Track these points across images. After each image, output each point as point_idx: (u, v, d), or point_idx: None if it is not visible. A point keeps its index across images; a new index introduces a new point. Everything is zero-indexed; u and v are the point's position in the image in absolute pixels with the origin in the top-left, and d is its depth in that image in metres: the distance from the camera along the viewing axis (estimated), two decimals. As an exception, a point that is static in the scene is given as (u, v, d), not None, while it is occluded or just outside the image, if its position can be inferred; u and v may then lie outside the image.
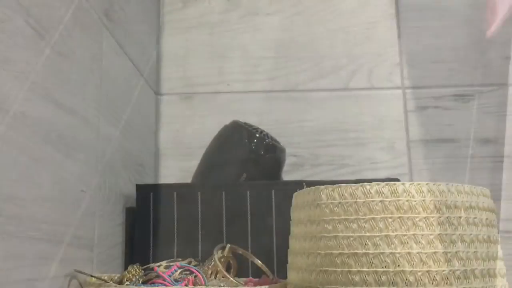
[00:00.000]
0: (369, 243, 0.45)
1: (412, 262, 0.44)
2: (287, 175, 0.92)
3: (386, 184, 0.46)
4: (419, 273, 0.43)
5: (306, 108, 0.96)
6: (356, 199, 0.46)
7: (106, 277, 0.61)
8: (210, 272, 0.61)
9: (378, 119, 0.94)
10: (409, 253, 0.44)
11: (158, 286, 0.54)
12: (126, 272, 0.58)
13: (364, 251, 0.45)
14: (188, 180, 0.87)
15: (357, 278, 0.44)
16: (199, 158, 0.83)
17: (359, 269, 0.44)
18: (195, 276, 0.57)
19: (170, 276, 0.56)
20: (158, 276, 0.57)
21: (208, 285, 0.56)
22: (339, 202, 0.47)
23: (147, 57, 0.93)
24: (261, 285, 0.57)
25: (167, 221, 0.73)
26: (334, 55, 0.97)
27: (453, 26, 0.97)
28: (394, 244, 0.44)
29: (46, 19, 0.53)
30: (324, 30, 0.98)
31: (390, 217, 0.45)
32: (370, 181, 0.49)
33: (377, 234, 0.45)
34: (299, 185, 0.70)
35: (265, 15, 1.00)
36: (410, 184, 0.46)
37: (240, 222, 0.72)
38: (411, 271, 0.43)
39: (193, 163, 0.90)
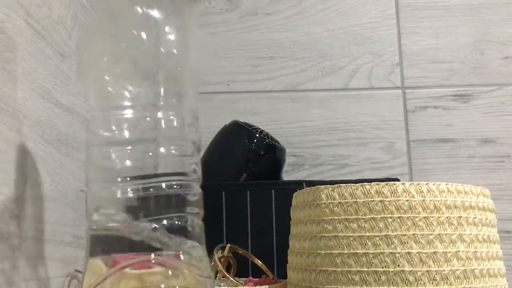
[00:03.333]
0: (369, 243, 0.45)
1: (412, 262, 0.44)
2: (287, 175, 0.92)
3: (386, 184, 0.46)
4: (419, 273, 0.43)
5: (306, 108, 0.96)
6: (356, 199, 0.46)
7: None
8: (210, 272, 0.61)
9: (378, 119, 0.94)
10: (409, 253, 0.44)
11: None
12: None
13: (364, 251, 0.45)
14: (188, 180, 0.87)
15: (357, 278, 0.44)
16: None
17: (359, 269, 0.44)
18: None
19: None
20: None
21: (208, 285, 0.56)
22: (339, 202, 0.47)
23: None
24: (261, 285, 0.57)
25: (167, 221, 0.73)
26: (334, 55, 0.97)
27: (453, 26, 0.97)
28: (394, 244, 0.44)
29: (46, 19, 0.54)
30: (324, 30, 0.98)
31: (390, 217, 0.45)
32: (370, 181, 0.49)
33: (377, 234, 0.45)
34: (299, 185, 0.70)
35: (265, 15, 1.00)
36: (410, 184, 0.46)
37: (240, 222, 0.72)
38: (411, 271, 0.43)
39: (193, 163, 0.90)
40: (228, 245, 0.66)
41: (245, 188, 0.73)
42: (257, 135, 0.77)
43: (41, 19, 0.52)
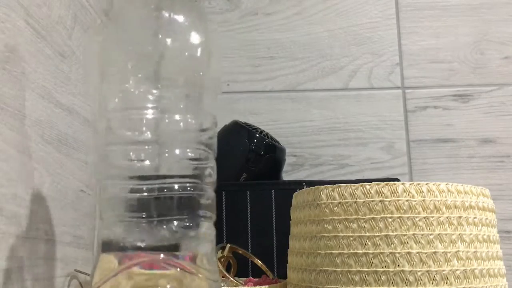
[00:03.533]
0: (369, 243, 0.45)
1: (412, 262, 0.44)
2: (287, 175, 0.92)
3: (386, 184, 0.46)
4: (419, 273, 0.43)
5: (306, 108, 0.96)
6: (356, 199, 0.46)
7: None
8: (210, 272, 0.61)
9: (378, 119, 0.94)
10: (409, 253, 0.44)
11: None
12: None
13: (364, 251, 0.45)
14: (188, 180, 0.87)
15: (357, 278, 0.44)
16: (199, 158, 0.83)
17: (359, 269, 0.44)
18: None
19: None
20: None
21: (208, 285, 0.56)
22: (339, 202, 0.47)
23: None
24: (261, 285, 0.57)
25: (167, 221, 0.73)
26: (334, 55, 0.97)
27: (453, 26, 0.97)
28: (394, 244, 0.44)
29: (46, 19, 0.54)
30: (324, 30, 0.98)
31: (390, 217, 0.45)
32: (370, 181, 0.49)
33: (377, 234, 0.45)
34: (299, 185, 0.70)
35: (265, 15, 1.00)
36: (410, 184, 0.46)
37: (240, 222, 0.72)
38: (411, 271, 0.43)
39: (193, 163, 0.90)
40: (228, 245, 0.66)
41: (245, 188, 0.73)
42: (257, 135, 0.77)
43: (41, 19, 0.52)
